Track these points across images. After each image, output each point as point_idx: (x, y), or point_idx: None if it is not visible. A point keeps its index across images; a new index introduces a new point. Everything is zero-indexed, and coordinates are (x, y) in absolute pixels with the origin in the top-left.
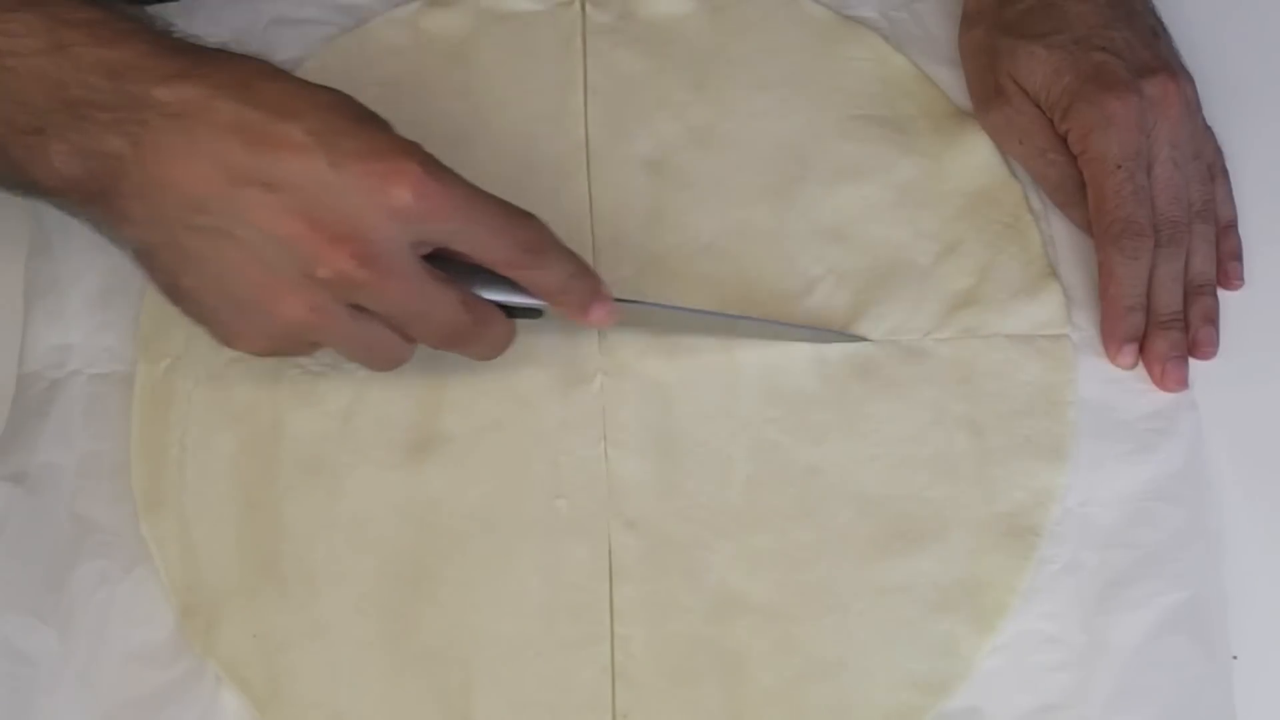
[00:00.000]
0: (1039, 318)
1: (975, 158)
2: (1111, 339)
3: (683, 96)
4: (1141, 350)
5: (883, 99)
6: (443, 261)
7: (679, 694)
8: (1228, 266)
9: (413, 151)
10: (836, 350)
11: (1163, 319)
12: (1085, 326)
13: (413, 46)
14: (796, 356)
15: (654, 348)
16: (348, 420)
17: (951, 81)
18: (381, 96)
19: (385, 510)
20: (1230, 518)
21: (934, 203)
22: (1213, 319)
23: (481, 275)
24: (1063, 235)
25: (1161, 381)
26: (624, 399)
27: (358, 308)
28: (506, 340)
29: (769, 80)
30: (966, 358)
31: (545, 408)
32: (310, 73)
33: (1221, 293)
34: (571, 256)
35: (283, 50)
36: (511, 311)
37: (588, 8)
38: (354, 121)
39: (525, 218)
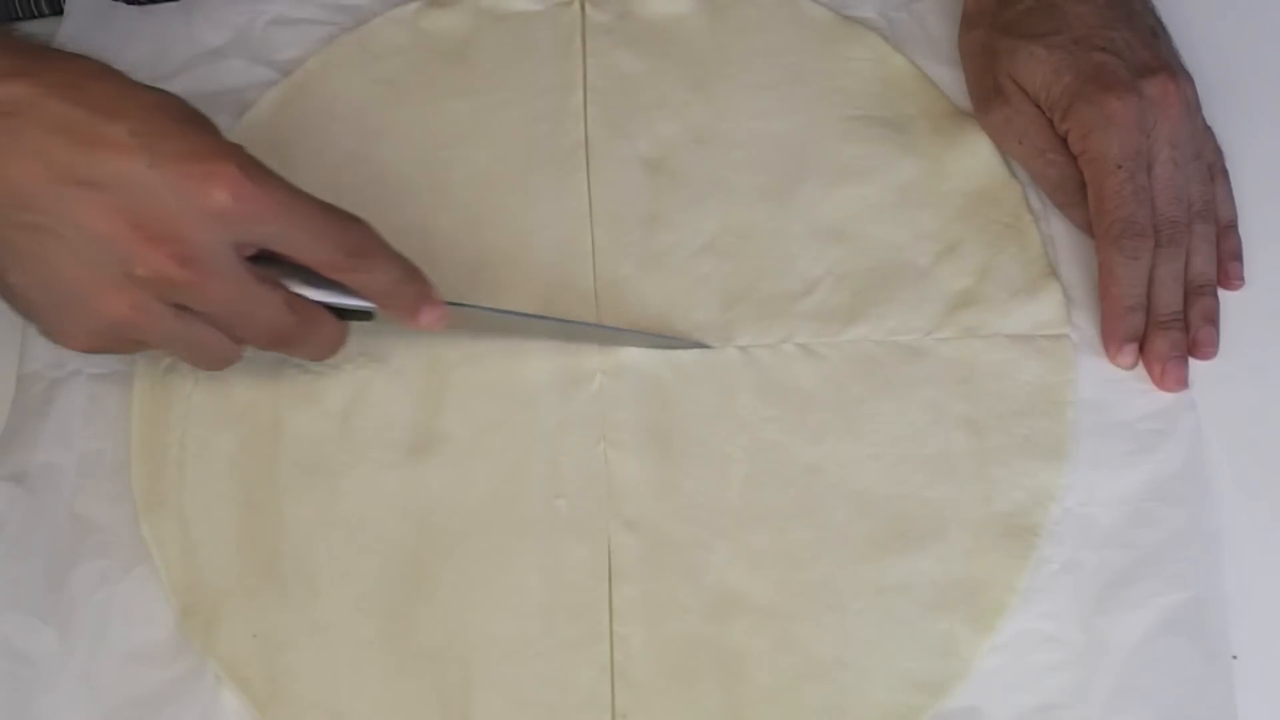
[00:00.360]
0: (1039, 317)
1: (975, 158)
2: (1111, 339)
3: (682, 96)
4: (1141, 350)
5: (882, 99)
6: (278, 264)
7: (678, 693)
8: (1228, 266)
9: (233, 154)
10: (836, 350)
11: (1163, 319)
12: (1085, 326)
13: (412, 46)
14: (795, 356)
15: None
16: (347, 420)
17: (951, 82)
18: (381, 96)
19: (385, 510)
20: (1230, 518)
21: (934, 203)
22: (1213, 319)
23: (314, 277)
24: (1062, 235)
25: (1161, 381)
26: (623, 399)
27: (182, 307)
28: (335, 342)
29: (768, 80)
30: (966, 357)
31: (545, 407)
32: (310, 72)
33: (1221, 293)
34: (399, 260)
35: (282, 50)
36: (344, 314)
37: (587, 8)
38: (178, 123)
39: (350, 221)
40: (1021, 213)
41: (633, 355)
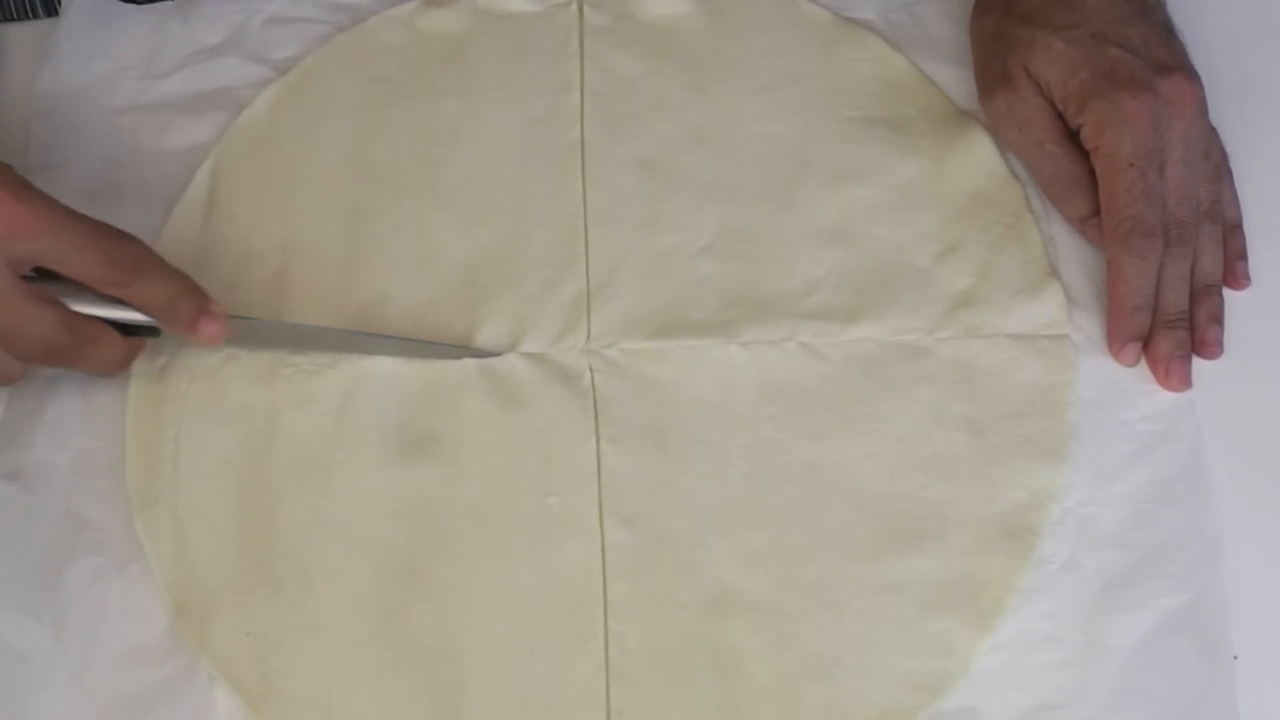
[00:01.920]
0: (1040, 318)
1: (975, 159)
2: (1116, 338)
3: (680, 98)
4: (1146, 350)
5: (883, 100)
6: (60, 281)
7: (674, 691)
8: (1234, 266)
9: None
10: (836, 349)
11: (1169, 319)
12: (1086, 327)
13: (409, 45)
14: (796, 354)
15: (650, 346)
16: (341, 419)
17: (952, 83)
18: (377, 95)
19: (378, 508)
20: (1231, 519)
21: (934, 203)
22: (1219, 319)
23: (95, 295)
24: (1063, 236)
25: (1166, 381)
26: (620, 396)
27: None
28: (118, 357)
29: (767, 81)
30: (967, 357)
31: (537, 406)
32: (306, 71)
33: (1228, 293)
34: (174, 275)
35: (279, 49)
36: (130, 330)
37: (585, 9)
38: None
39: (121, 238)
40: (1022, 213)
41: (628, 354)
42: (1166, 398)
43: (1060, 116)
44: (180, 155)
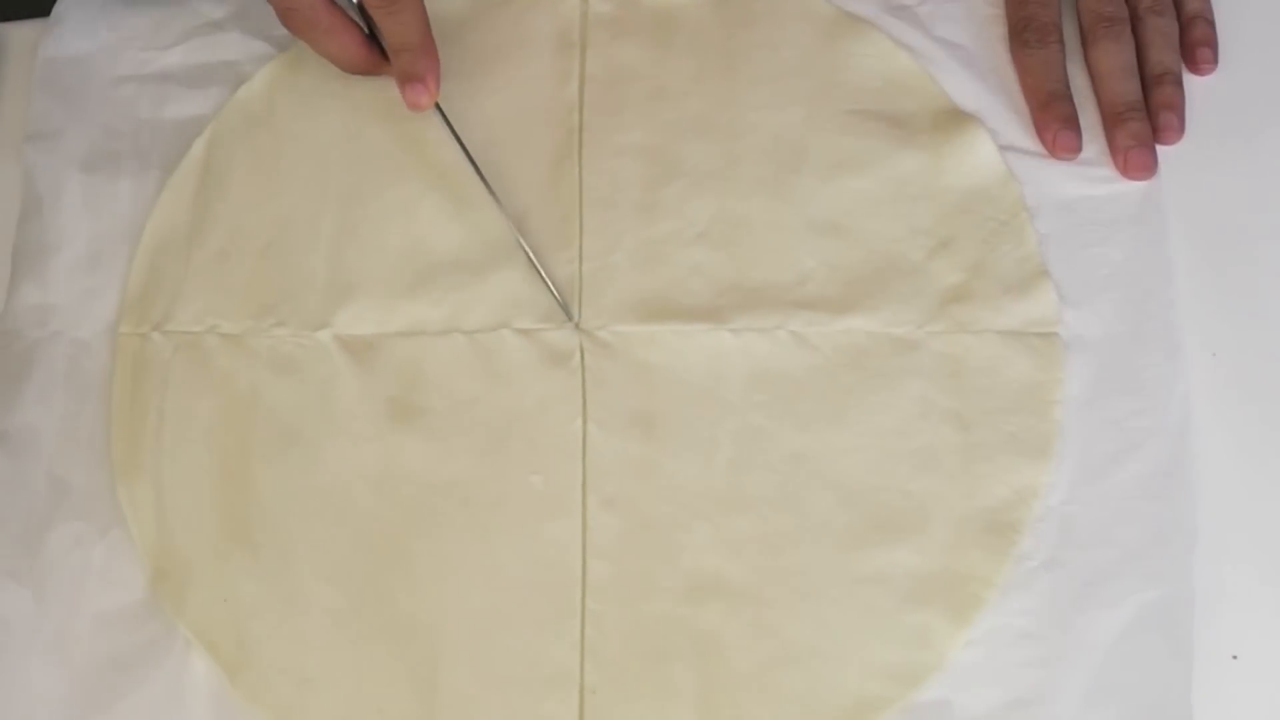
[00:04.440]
0: (1030, 315)
1: (973, 155)
2: (1044, 129)
3: (682, 86)
4: (1109, 144)
5: (883, 95)
6: None
7: (649, 673)
8: (1195, 52)
9: None
10: (827, 339)
11: (1118, 111)
12: (1075, 325)
13: None
14: (787, 343)
15: (641, 330)
16: (325, 391)
17: (954, 81)
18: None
19: (360, 481)
20: (1230, 517)
21: (929, 198)
22: (1174, 105)
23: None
24: (1056, 233)
25: (1126, 170)
26: (608, 378)
27: None
28: (351, 55)
29: (769, 72)
30: (956, 352)
31: (524, 384)
32: (306, 48)
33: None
34: (426, 34)
35: (281, 25)
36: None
37: None
38: None
39: None
40: (1017, 210)
41: (618, 336)
42: (1156, 391)
43: None
44: (178, 127)
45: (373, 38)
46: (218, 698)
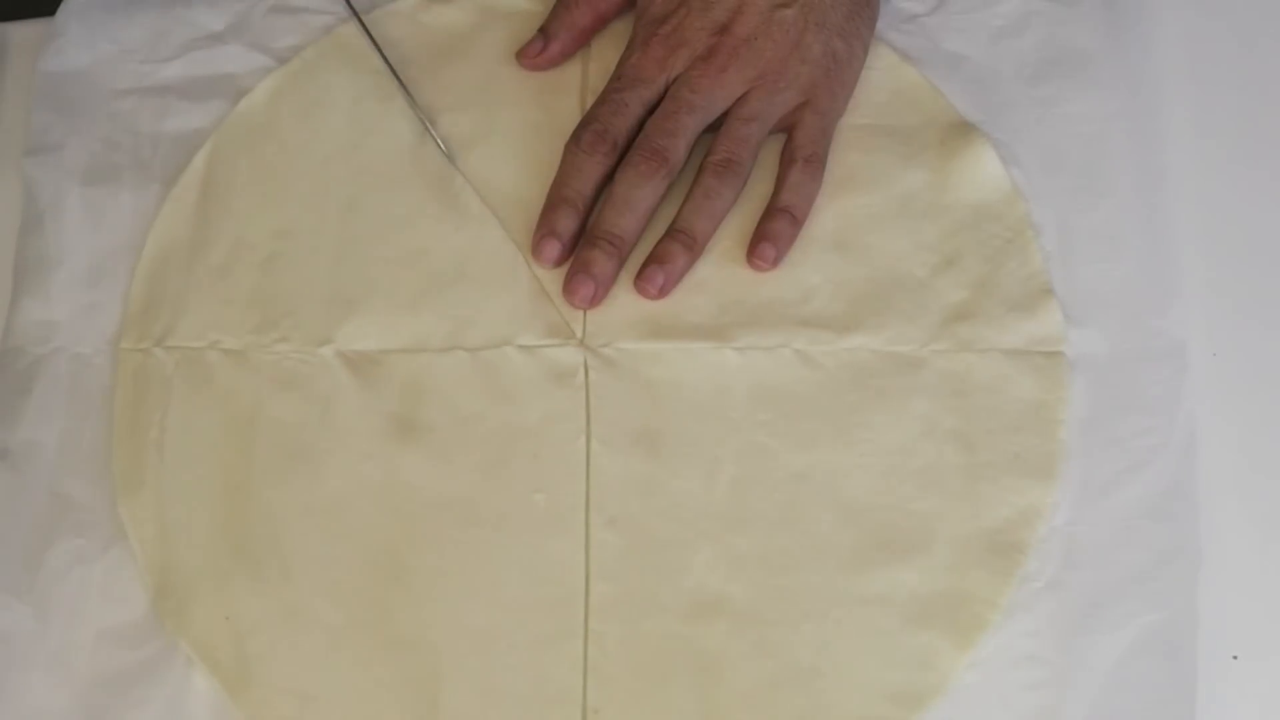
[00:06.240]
0: (1035, 333)
1: (979, 171)
2: (536, 230)
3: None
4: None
5: (890, 109)
6: None
7: (651, 693)
8: (759, 245)
9: None
10: (831, 357)
11: (595, 234)
12: (1080, 343)
13: (412, 39)
14: (791, 361)
15: (646, 347)
16: (328, 407)
17: (962, 95)
18: (377, 88)
19: (362, 498)
20: (1230, 518)
21: (935, 215)
22: (665, 261)
23: None
24: (1062, 252)
25: (565, 294)
26: (612, 396)
27: None
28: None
29: None
30: (961, 371)
31: (528, 402)
32: (307, 61)
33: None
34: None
35: (281, 38)
36: None
37: None
38: None
39: None
40: (1023, 228)
41: (623, 354)
42: (1160, 412)
43: None
44: (179, 140)
45: None
46: (219, 715)
